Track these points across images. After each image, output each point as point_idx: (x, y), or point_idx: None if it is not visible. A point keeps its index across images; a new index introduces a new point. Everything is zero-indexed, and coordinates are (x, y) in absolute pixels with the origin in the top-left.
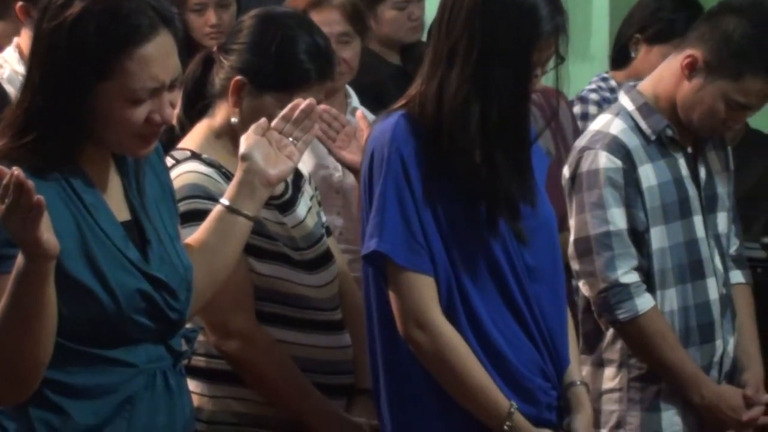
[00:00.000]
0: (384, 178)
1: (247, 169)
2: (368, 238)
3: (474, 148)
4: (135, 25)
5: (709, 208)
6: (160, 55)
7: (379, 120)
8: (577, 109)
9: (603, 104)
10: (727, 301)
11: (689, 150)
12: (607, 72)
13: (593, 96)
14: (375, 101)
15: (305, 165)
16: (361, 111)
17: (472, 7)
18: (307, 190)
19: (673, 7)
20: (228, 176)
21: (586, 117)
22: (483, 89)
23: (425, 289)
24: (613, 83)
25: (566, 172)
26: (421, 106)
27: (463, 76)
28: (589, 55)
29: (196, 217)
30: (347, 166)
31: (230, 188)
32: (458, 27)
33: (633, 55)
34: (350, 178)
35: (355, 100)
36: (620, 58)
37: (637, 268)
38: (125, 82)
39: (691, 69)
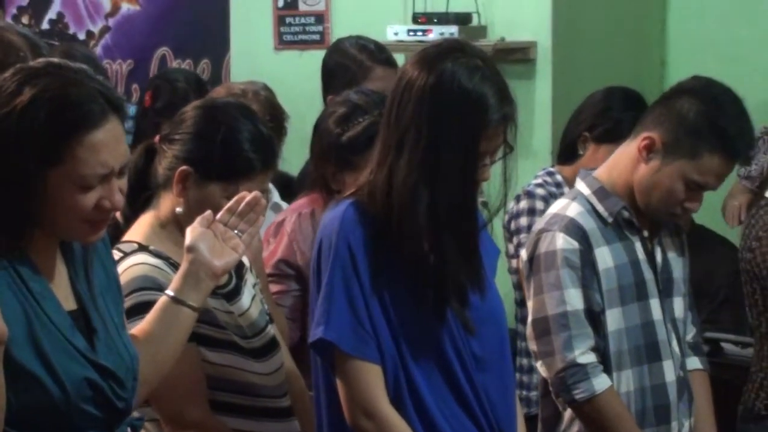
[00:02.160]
0: (332, 266)
1: (193, 260)
2: (315, 325)
3: (422, 235)
4: (85, 111)
5: (666, 292)
6: (109, 141)
7: (329, 208)
8: (524, 204)
9: (549, 199)
10: (683, 384)
11: (645, 234)
12: (552, 166)
13: (540, 191)
14: None
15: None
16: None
17: (421, 95)
18: (250, 278)
19: (621, 107)
20: (176, 266)
21: (533, 212)
22: (431, 177)
23: (372, 377)
24: (559, 178)
25: (524, 254)
26: (371, 194)
27: (411, 164)
28: (532, 151)
29: (144, 309)
30: None
31: (176, 279)
32: (407, 115)
33: (581, 152)
34: None
35: (276, 195)
36: (567, 154)
37: (594, 349)
38: (75, 168)
39: (648, 151)
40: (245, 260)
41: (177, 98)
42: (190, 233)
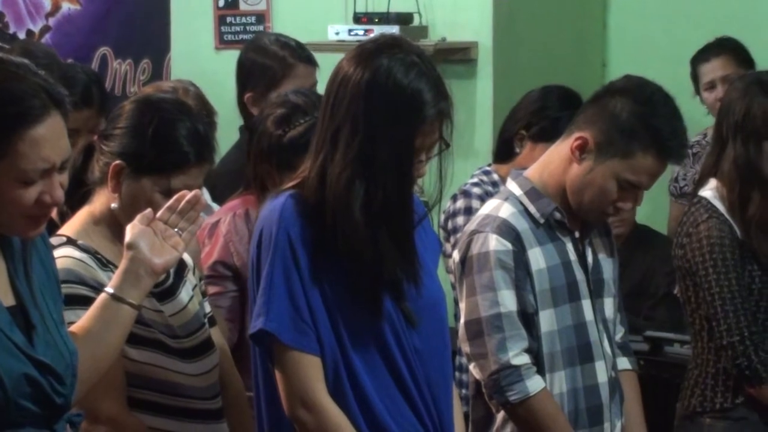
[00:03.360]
0: (271, 258)
1: (133, 257)
2: (255, 317)
3: (358, 229)
4: (27, 107)
5: (597, 292)
6: (51, 136)
7: (269, 200)
8: (460, 203)
9: (486, 198)
10: (615, 384)
11: (577, 235)
12: (489, 165)
13: (476, 190)
14: None
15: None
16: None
17: (356, 91)
18: (191, 279)
19: (558, 105)
20: (103, 262)
21: (469, 211)
22: (367, 172)
23: (311, 368)
24: (495, 177)
25: (456, 255)
26: (307, 188)
27: (346, 158)
28: (473, 151)
29: (64, 302)
30: None
31: (115, 277)
32: (342, 111)
33: (517, 150)
34: None
35: (207, 196)
36: (503, 152)
37: (528, 350)
38: (17, 163)
39: (581, 151)
40: (189, 260)
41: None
42: (130, 230)
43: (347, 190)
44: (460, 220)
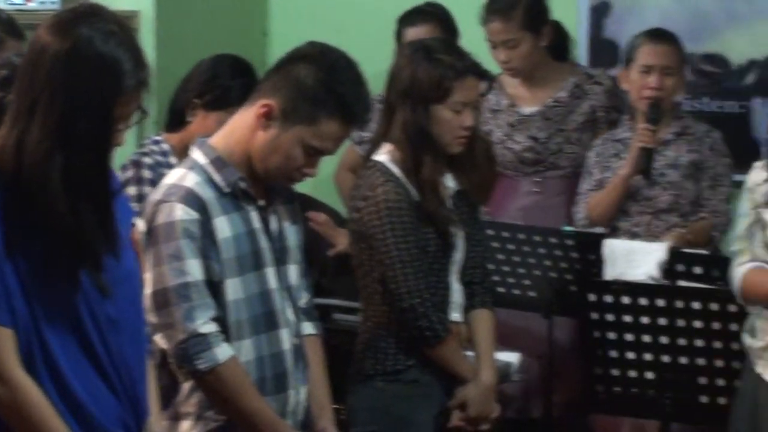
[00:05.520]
0: None
1: None
2: None
3: (57, 200)
4: None
5: (281, 260)
6: None
7: None
8: (130, 173)
9: (156, 168)
10: (299, 351)
11: (261, 203)
12: (158, 135)
13: (146, 159)
14: None
15: None
16: None
17: (55, 60)
18: None
19: (229, 74)
20: None
21: (140, 181)
22: (65, 142)
23: (4, 341)
24: (165, 147)
25: (142, 225)
26: (3, 157)
27: (45, 129)
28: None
29: None
30: None
31: None
32: (40, 80)
33: (189, 119)
34: None
35: None
36: (175, 122)
37: (215, 319)
38: None
39: (266, 118)
40: None
41: None
42: None
43: (46, 161)
44: (132, 190)
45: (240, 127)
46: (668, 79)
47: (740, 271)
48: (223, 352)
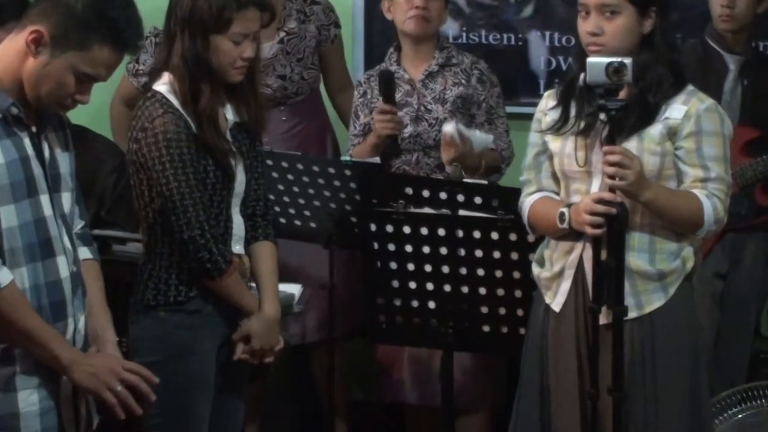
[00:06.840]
0: None
1: None
2: None
3: None
4: None
5: (55, 188)
6: None
7: None
8: None
9: None
10: (77, 279)
11: (34, 129)
12: None
13: None
14: None
15: None
16: None
17: None
18: None
19: None
20: None
21: None
22: None
23: None
24: None
25: None
26: None
27: None
28: None
29: None
30: None
31: None
32: None
33: None
34: None
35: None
36: None
37: None
38: None
39: (37, 44)
40: None
41: None
42: None
43: None
44: None
45: (9, 54)
46: (435, 1)
47: (528, 201)
48: (3, 276)
